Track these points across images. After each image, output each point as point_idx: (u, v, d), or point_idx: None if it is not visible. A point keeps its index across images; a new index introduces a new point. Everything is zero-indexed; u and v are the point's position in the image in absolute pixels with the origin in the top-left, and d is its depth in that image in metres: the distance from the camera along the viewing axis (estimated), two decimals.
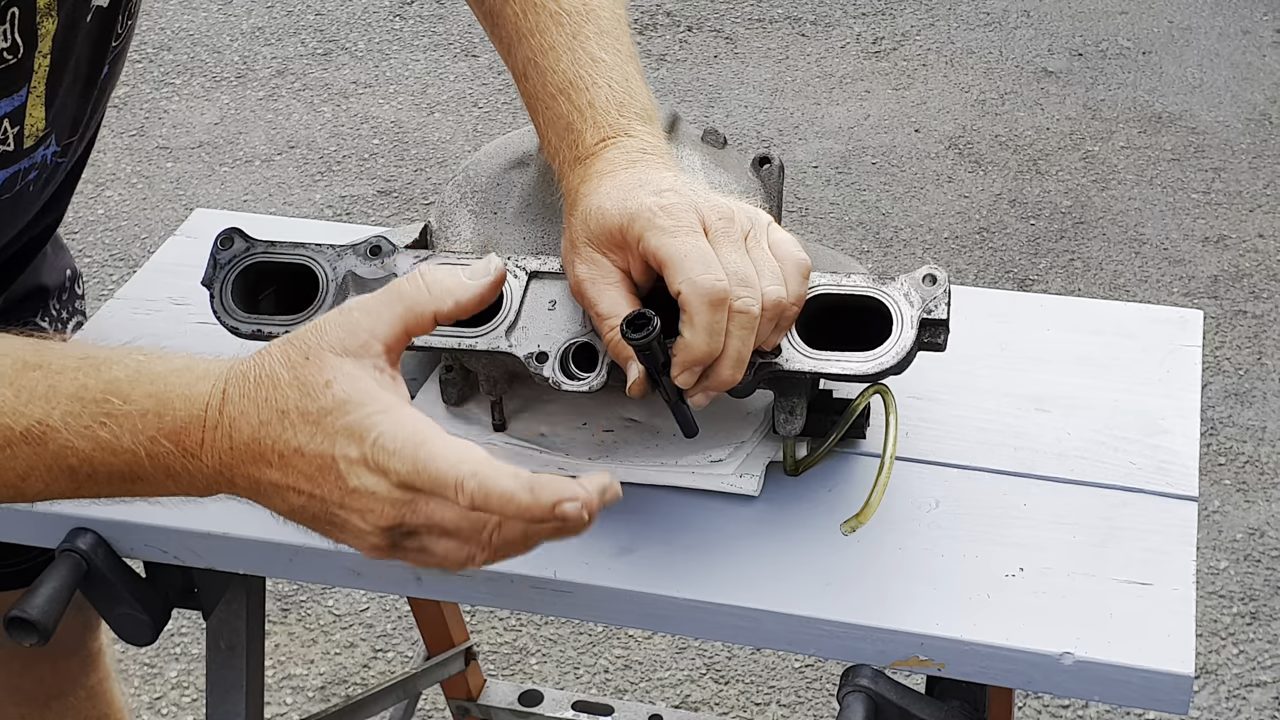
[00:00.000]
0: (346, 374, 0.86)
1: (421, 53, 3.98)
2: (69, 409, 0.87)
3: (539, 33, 1.11)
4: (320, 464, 0.85)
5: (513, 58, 1.14)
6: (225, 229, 1.12)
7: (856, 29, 4.06)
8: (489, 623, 2.37)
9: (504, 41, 1.15)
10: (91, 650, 1.57)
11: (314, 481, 0.86)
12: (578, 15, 1.11)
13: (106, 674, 1.60)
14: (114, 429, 0.87)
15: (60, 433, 0.87)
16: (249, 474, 0.87)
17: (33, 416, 0.86)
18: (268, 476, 0.87)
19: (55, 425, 0.86)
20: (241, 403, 0.86)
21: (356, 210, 3.36)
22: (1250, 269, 3.15)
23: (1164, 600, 1.01)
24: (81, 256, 3.19)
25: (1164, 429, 1.15)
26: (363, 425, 0.84)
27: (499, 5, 1.15)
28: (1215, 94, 3.75)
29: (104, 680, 1.60)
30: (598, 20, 1.12)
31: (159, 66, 3.91)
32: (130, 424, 0.87)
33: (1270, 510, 2.56)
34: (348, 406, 0.85)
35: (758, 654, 2.31)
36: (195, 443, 0.87)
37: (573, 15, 1.11)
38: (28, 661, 1.51)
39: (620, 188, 1.02)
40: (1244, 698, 2.25)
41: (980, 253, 3.21)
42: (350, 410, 0.85)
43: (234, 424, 0.86)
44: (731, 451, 1.10)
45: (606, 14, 1.13)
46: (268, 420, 0.86)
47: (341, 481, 0.85)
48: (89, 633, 1.56)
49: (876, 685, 1.00)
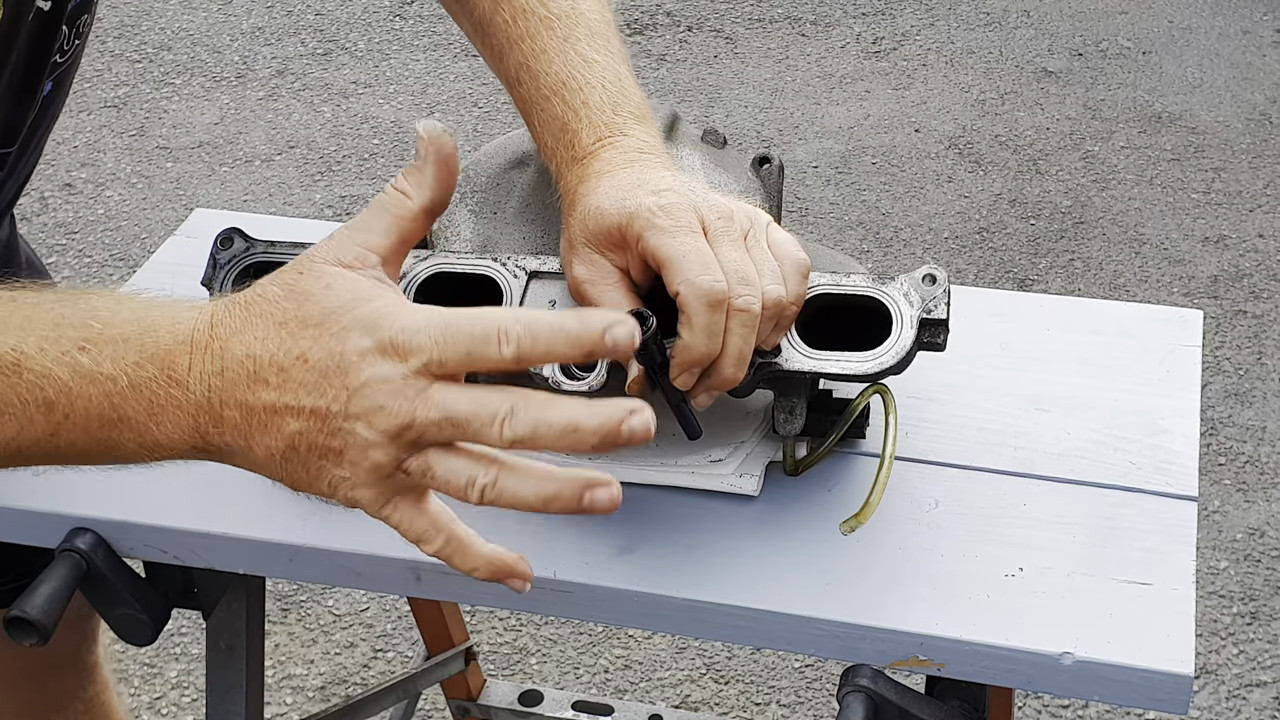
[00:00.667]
0: (346, 278, 0.81)
1: (421, 53, 3.98)
2: (45, 334, 0.81)
3: (530, 37, 1.11)
4: (328, 365, 0.78)
5: (505, 64, 1.14)
6: (225, 229, 1.12)
7: (856, 29, 4.06)
8: (489, 623, 2.37)
9: (495, 51, 1.15)
10: (88, 664, 1.56)
11: (317, 391, 0.79)
12: (567, 19, 1.12)
13: (104, 686, 1.60)
14: (94, 354, 0.81)
15: (35, 359, 0.80)
16: (241, 400, 0.80)
17: (5, 344, 0.81)
18: (262, 399, 0.80)
19: (29, 352, 0.80)
20: (232, 322, 0.81)
21: (356, 210, 3.35)
22: (1250, 269, 3.15)
23: (1164, 600, 1.01)
24: (82, 256, 3.19)
25: (1164, 429, 1.15)
26: (378, 314, 0.79)
27: (488, 14, 1.15)
28: (1215, 94, 3.75)
29: (102, 692, 1.59)
30: (587, 23, 1.12)
31: (159, 66, 3.91)
32: (111, 349, 0.81)
33: (1270, 510, 2.56)
34: (355, 303, 0.79)
35: (758, 654, 2.31)
36: (183, 368, 0.80)
37: (562, 19, 1.12)
38: (25, 676, 1.50)
39: (618, 188, 1.02)
40: (1244, 698, 2.25)
41: (980, 253, 3.21)
42: (359, 305, 0.79)
43: (225, 344, 0.80)
44: (731, 451, 1.10)
45: (595, 16, 1.13)
46: (264, 335, 0.80)
47: (349, 379, 0.78)
48: (85, 646, 1.55)
49: (876, 685, 1.00)
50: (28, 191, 1.74)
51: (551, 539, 1.06)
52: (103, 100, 3.76)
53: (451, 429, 0.78)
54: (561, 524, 1.07)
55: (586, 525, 1.07)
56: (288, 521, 1.03)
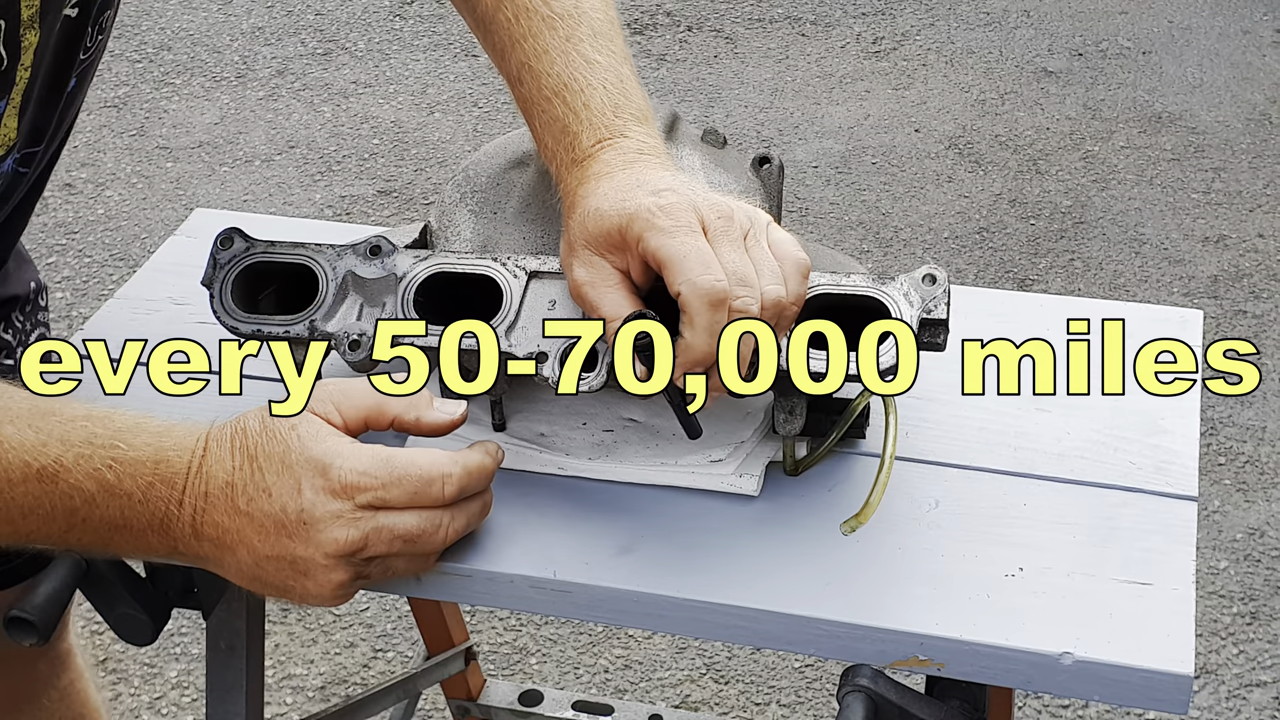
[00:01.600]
0: (309, 419, 0.96)
1: (421, 53, 3.98)
2: (81, 451, 0.94)
3: (532, 37, 1.11)
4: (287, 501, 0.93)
5: (507, 63, 1.14)
6: (225, 229, 1.12)
7: (856, 29, 4.06)
8: (489, 623, 2.37)
9: (497, 48, 1.15)
10: (60, 651, 1.56)
11: (279, 522, 0.93)
12: (570, 18, 1.12)
13: (79, 674, 1.60)
14: (118, 472, 0.94)
15: (71, 473, 0.93)
16: (217, 521, 0.94)
17: (50, 456, 0.93)
18: (234, 523, 0.94)
19: (69, 465, 0.93)
20: (218, 451, 0.95)
21: (356, 210, 3.36)
22: (1250, 269, 3.15)
23: (1164, 600, 1.01)
24: (82, 256, 3.19)
25: (1164, 429, 1.15)
26: (326, 455, 0.94)
27: (491, 12, 1.14)
28: (1215, 94, 3.75)
29: (76, 680, 1.59)
30: (590, 22, 1.12)
31: (159, 66, 3.91)
32: (132, 469, 0.94)
33: (1270, 510, 2.56)
34: (310, 443, 0.94)
35: (758, 654, 2.31)
36: (180, 490, 0.94)
37: (565, 19, 1.12)
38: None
39: (618, 189, 1.02)
40: (1244, 698, 2.25)
41: (980, 253, 3.21)
42: (312, 447, 0.94)
43: (210, 472, 0.94)
44: (731, 451, 1.10)
45: (599, 15, 1.13)
46: (239, 465, 0.94)
47: (307, 514, 0.93)
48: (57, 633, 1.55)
49: (876, 685, 1.00)
50: None
51: (551, 539, 1.06)
52: (103, 100, 3.76)
53: (402, 544, 0.95)
54: (561, 524, 1.07)
55: (586, 525, 1.07)
56: None
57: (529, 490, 1.10)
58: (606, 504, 1.09)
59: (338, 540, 0.93)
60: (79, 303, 3.04)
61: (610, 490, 1.10)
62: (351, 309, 1.10)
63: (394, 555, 0.96)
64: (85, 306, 3.02)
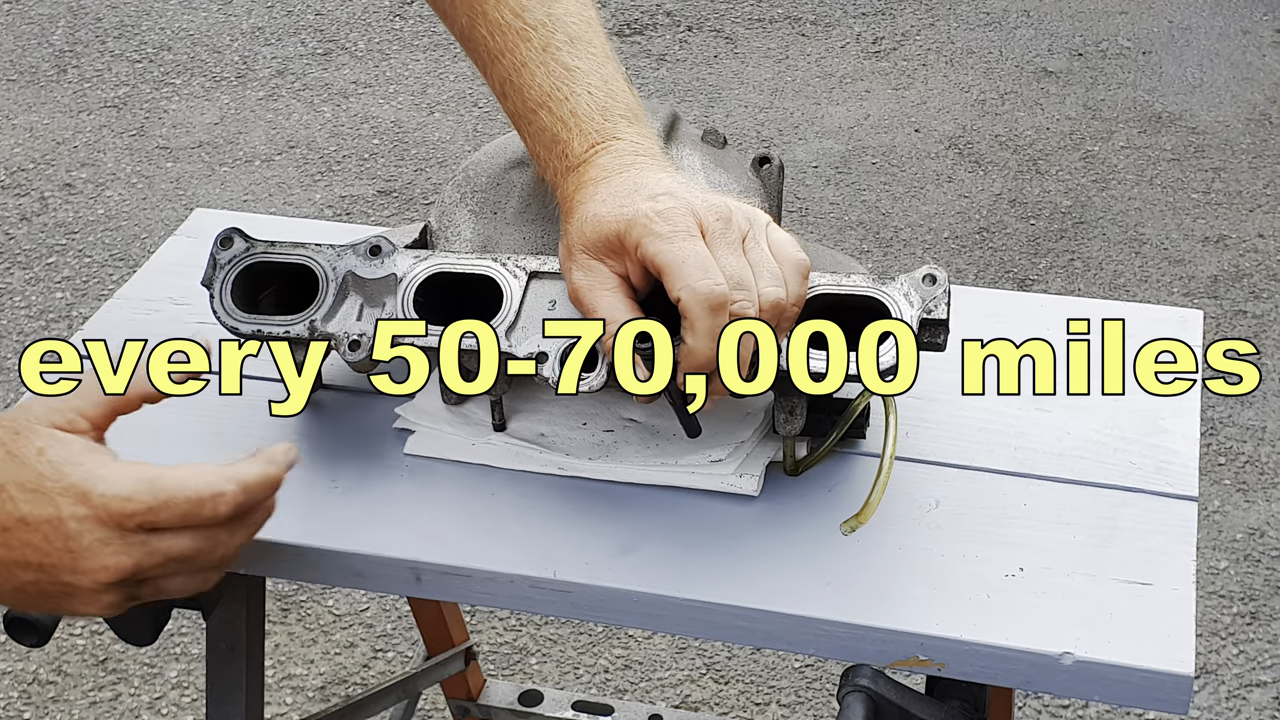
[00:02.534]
0: (58, 439, 0.90)
1: (421, 53, 3.98)
2: None
3: (509, 51, 1.11)
4: (48, 530, 0.88)
5: (490, 79, 1.13)
6: (225, 229, 1.12)
7: (856, 29, 4.06)
8: (489, 623, 2.37)
9: (479, 64, 1.15)
10: None
11: (41, 551, 0.88)
12: (544, 28, 1.10)
13: None
14: None
15: None
16: None
17: None
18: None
19: None
20: None
21: (356, 210, 3.36)
22: (1250, 269, 3.15)
23: (1164, 600, 1.01)
24: (82, 256, 3.19)
25: (1164, 429, 1.15)
26: (86, 481, 0.88)
27: (468, 30, 1.14)
28: (1215, 94, 3.75)
29: None
30: (566, 28, 1.11)
31: (159, 66, 3.91)
32: None
33: (1270, 510, 2.56)
34: (65, 468, 0.89)
35: (758, 654, 2.31)
36: None
37: (539, 29, 1.10)
38: None
39: (615, 194, 1.02)
40: (1244, 698, 2.25)
41: (980, 253, 3.21)
42: (68, 472, 0.88)
43: None
44: (731, 451, 1.10)
45: (574, 20, 1.11)
46: None
47: (73, 543, 0.88)
48: None
49: (876, 685, 1.00)
50: (28, 191, 1.73)
51: (551, 539, 1.06)
52: (103, 100, 3.76)
53: (176, 565, 0.91)
54: (562, 524, 1.07)
55: (586, 525, 1.07)
56: (288, 522, 1.03)
57: (529, 490, 1.10)
58: (606, 504, 1.09)
59: (108, 568, 0.89)
60: (79, 303, 3.04)
61: (610, 490, 1.10)
62: (351, 309, 1.10)
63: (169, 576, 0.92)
64: (85, 306, 3.02)
